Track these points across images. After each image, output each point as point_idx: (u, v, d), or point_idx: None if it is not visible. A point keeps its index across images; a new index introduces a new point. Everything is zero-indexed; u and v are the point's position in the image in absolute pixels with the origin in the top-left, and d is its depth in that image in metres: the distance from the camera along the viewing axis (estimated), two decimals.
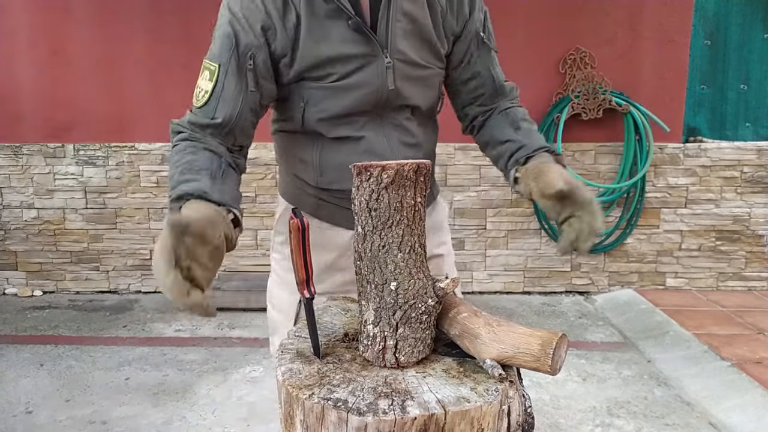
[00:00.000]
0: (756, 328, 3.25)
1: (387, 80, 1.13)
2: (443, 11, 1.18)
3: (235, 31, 1.09)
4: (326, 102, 1.14)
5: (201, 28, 3.90)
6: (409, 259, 0.88)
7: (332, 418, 0.77)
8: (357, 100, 1.14)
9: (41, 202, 4.05)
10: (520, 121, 1.24)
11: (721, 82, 4.04)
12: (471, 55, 1.24)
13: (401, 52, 1.14)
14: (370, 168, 0.85)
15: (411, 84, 1.17)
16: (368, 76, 1.13)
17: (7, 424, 2.42)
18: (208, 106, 1.09)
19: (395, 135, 1.20)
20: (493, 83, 1.27)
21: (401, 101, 1.18)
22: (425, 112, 1.25)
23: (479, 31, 1.23)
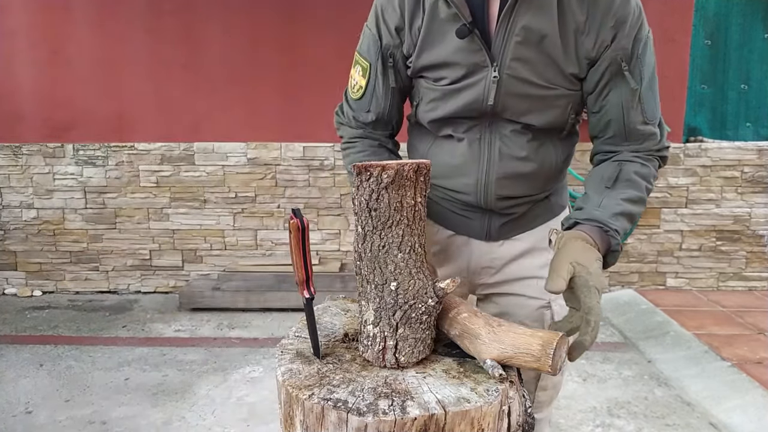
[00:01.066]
0: (756, 329, 3.24)
1: (489, 95, 1.10)
2: (579, 31, 1.06)
3: (380, 33, 1.18)
4: (434, 103, 1.17)
5: (201, 27, 3.90)
6: (409, 259, 0.88)
7: (332, 418, 0.77)
8: (461, 108, 1.13)
9: (41, 202, 4.05)
10: (621, 181, 1.10)
11: (722, 82, 4.04)
12: (603, 87, 1.10)
13: (513, 68, 1.08)
14: (370, 168, 0.85)
15: (523, 101, 1.10)
16: (476, 86, 1.10)
17: (6, 424, 2.42)
18: (364, 100, 1.23)
19: (498, 145, 1.15)
20: (621, 124, 1.11)
21: (509, 115, 1.12)
22: (545, 130, 1.15)
23: (620, 60, 1.07)
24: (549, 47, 1.07)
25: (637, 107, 1.09)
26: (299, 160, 3.98)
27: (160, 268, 4.11)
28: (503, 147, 1.15)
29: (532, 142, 1.15)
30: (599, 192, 1.10)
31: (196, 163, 4.00)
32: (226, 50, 3.91)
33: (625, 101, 1.09)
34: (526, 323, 1.18)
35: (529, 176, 1.17)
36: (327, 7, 3.82)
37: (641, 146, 1.12)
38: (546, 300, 1.22)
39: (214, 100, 3.96)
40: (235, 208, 4.04)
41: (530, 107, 1.11)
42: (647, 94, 1.10)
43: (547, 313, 1.22)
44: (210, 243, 4.08)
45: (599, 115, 1.13)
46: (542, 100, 1.11)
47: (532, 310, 1.23)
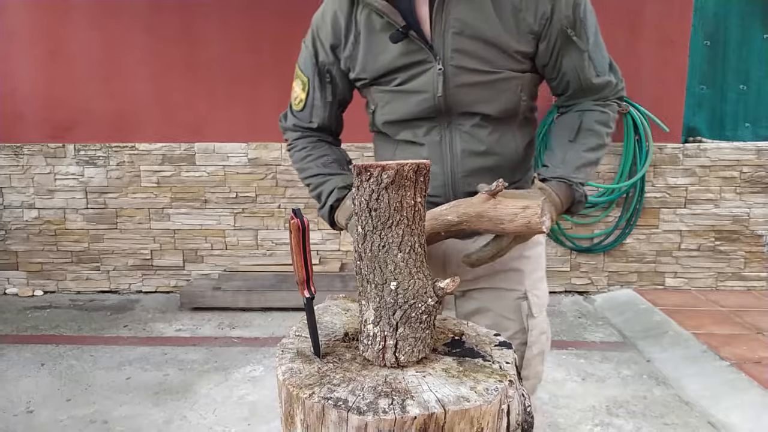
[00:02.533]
0: (755, 328, 3.25)
1: (438, 87, 1.14)
2: (516, 9, 1.12)
3: (316, 50, 1.26)
4: (389, 105, 1.22)
5: (201, 27, 3.90)
6: (409, 259, 0.88)
7: (332, 417, 0.77)
8: (415, 106, 1.17)
9: (42, 202, 4.05)
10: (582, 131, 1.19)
11: (721, 83, 4.04)
12: (557, 55, 1.17)
13: (455, 58, 1.13)
14: (370, 168, 0.86)
15: (472, 90, 1.14)
16: (423, 82, 1.16)
17: (8, 423, 2.43)
18: (304, 112, 1.31)
19: (460, 143, 1.19)
20: (579, 83, 1.20)
21: (463, 108, 1.16)
22: (503, 119, 1.19)
23: (565, 28, 1.14)
24: (487, 32, 1.11)
25: (589, 65, 1.18)
26: None
27: (161, 268, 4.12)
28: (464, 144, 1.19)
29: (492, 135, 1.19)
30: (563, 147, 1.19)
31: (197, 163, 4.01)
32: (226, 50, 3.91)
33: (578, 63, 1.17)
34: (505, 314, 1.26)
35: (494, 169, 1.20)
36: None
37: (599, 95, 1.21)
38: (522, 291, 1.26)
39: (215, 100, 3.97)
40: (236, 208, 4.05)
41: (480, 95, 1.15)
42: (594, 50, 1.18)
43: (524, 304, 1.26)
44: (211, 243, 4.09)
45: (557, 80, 1.21)
46: (490, 86, 1.15)
47: (510, 301, 1.26)
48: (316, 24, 1.27)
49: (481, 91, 1.15)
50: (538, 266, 1.31)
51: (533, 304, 1.27)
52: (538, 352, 1.29)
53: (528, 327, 1.27)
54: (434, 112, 1.18)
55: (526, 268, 1.28)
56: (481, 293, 1.28)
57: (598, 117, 1.20)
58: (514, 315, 1.26)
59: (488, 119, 1.18)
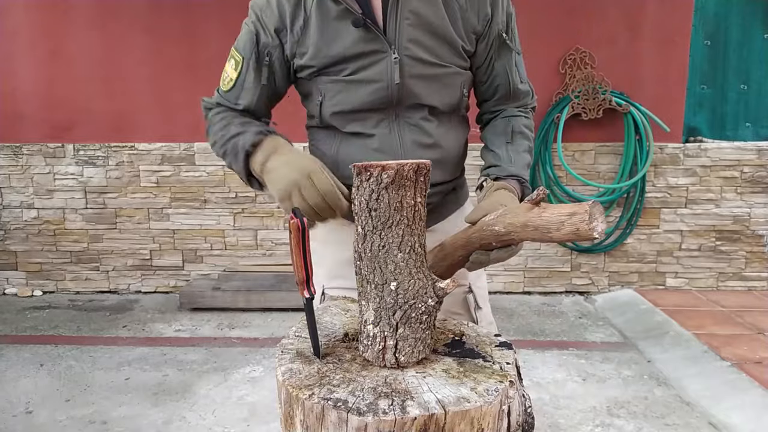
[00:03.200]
0: (756, 328, 3.25)
1: (394, 75, 1.15)
2: (462, 9, 1.18)
3: (257, 30, 1.24)
4: (340, 96, 1.20)
5: (201, 27, 3.90)
6: (409, 259, 0.88)
7: (332, 418, 0.77)
8: (368, 96, 1.17)
9: (41, 202, 4.05)
10: (515, 134, 1.26)
11: (721, 82, 4.04)
12: (491, 57, 1.25)
13: (409, 48, 1.15)
14: (370, 168, 0.85)
15: (423, 82, 1.18)
16: (378, 72, 1.16)
17: (7, 424, 2.42)
18: (232, 92, 1.28)
19: (409, 135, 1.20)
20: (507, 86, 1.28)
21: (413, 99, 1.18)
22: (447, 113, 1.24)
23: (501, 32, 1.23)
24: (438, 27, 1.16)
25: (516, 71, 1.28)
26: None
27: (160, 268, 4.12)
28: (413, 136, 1.21)
29: (438, 129, 1.23)
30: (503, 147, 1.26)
31: (197, 163, 4.01)
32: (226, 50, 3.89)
33: (509, 66, 1.27)
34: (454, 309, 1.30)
35: (441, 162, 1.24)
36: None
37: (521, 102, 1.31)
38: (467, 285, 1.31)
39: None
40: (236, 208, 4.05)
41: (430, 87, 1.18)
42: (519, 59, 1.29)
43: (470, 297, 1.31)
44: (210, 243, 4.08)
45: (488, 83, 1.28)
46: (439, 79, 1.19)
47: (456, 296, 1.29)
48: (259, 6, 1.24)
49: (432, 83, 1.18)
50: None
51: (478, 296, 1.32)
52: None
53: (477, 318, 1.31)
54: (386, 102, 1.18)
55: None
56: None
57: (525, 122, 1.30)
58: (462, 309, 1.31)
59: (435, 112, 1.22)
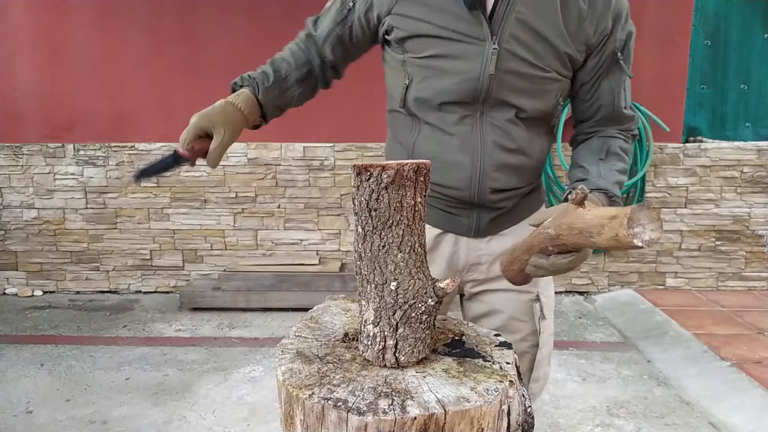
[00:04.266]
0: (756, 328, 3.25)
1: (489, 66, 1.09)
2: (582, 17, 1.10)
3: None
4: (427, 81, 1.14)
5: (201, 28, 3.90)
6: (409, 259, 0.88)
7: (332, 417, 0.77)
8: (457, 84, 1.11)
9: (41, 202, 4.05)
10: (611, 154, 1.19)
11: (721, 82, 4.04)
12: (600, 74, 1.17)
13: (510, 42, 1.09)
14: (370, 168, 0.85)
15: (517, 80, 1.11)
16: (471, 59, 1.10)
17: (7, 423, 2.42)
18: (319, 18, 1.29)
19: (491, 136, 1.15)
20: (611, 109, 1.20)
21: (503, 97, 1.12)
22: (535, 119, 1.17)
23: (617, 50, 1.15)
24: (547, 29, 1.09)
25: (624, 94, 1.20)
26: (299, 160, 3.99)
27: (160, 268, 4.12)
28: (496, 138, 1.15)
29: (523, 134, 1.17)
30: (595, 164, 1.18)
31: (197, 163, 4.00)
32: (226, 50, 3.91)
33: (616, 88, 1.18)
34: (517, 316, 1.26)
35: (521, 168, 1.19)
36: None
37: (623, 127, 1.23)
38: (535, 293, 1.25)
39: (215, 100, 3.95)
40: (236, 208, 4.05)
41: (523, 88, 1.12)
42: (628, 83, 1.21)
43: (536, 306, 1.25)
44: (210, 243, 4.08)
45: (590, 102, 1.20)
46: (535, 82, 1.13)
47: (522, 303, 1.25)
48: None
49: (526, 83, 1.12)
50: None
51: (545, 305, 1.27)
52: (548, 353, 1.30)
53: (540, 329, 1.26)
54: (473, 96, 1.12)
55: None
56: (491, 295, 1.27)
57: (622, 144, 1.22)
58: (526, 317, 1.26)
59: (522, 116, 1.15)
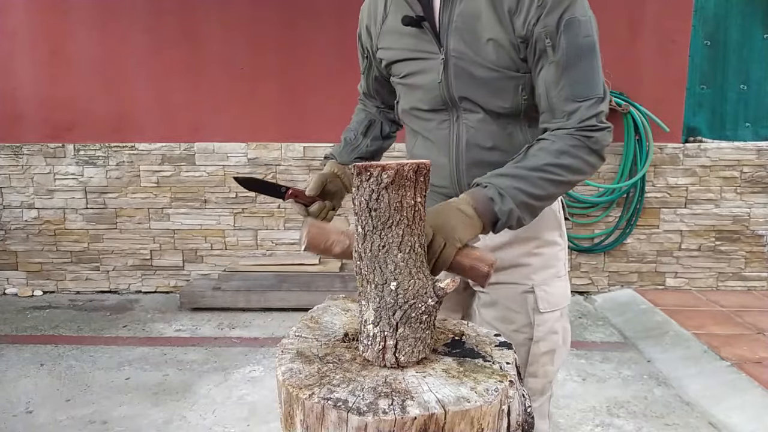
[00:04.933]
0: (756, 328, 3.25)
1: (440, 76, 1.20)
2: (511, 11, 1.12)
3: (359, 27, 1.39)
4: (405, 96, 1.32)
5: (201, 27, 3.90)
6: (409, 259, 0.88)
7: (332, 417, 0.77)
8: (423, 95, 1.25)
9: (41, 202, 4.05)
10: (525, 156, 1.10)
11: (721, 82, 4.04)
12: (536, 65, 1.14)
13: (457, 50, 1.18)
14: (370, 168, 0.85)
15: (472, 83, 1.18)
16: (429, 72, 1.22)
17: (7, 423, 2.43)
18: (361, 80, 1.49)
19: (466, 137, 1.23)
20: (547, 100, 1.12)
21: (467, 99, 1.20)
22: (507, 116, 1.20)
23: (545, 38, 1.10)
24: (485, 30, 1.14)
25: (558, 83, 1.10)
26: (299, 160, 3.99)
27: (160, 268, 4.12)
28: (470, 137, 1.23)
29: (500, 132, 1.21)
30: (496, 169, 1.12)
31: (197, 163, 4.01)
32: (226, 50, 3.91)
33: (548, 77, 1.11)
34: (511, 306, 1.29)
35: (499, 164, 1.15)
36: (327, 7, 3.82)
37: (567, 122, 1.10)
38: (529, 285, 1.28)
39: (215, 100, 3.96)
40: (236, 208, 4.05)
41: (479, 90, 1.18)
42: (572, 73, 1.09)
43: (529, 297, 1.28)
44: (210, 243, 4.08)
45: (536, 94, 1.16)
46: (489, 83, 1.17)
47: (516, 294, 1.28)
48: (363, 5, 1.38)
49: (481, 85, 1.18)
50: (549, 265, 1.30)
51: (540, 299, 1.27)
52: (547, 350, 1.30)
53: (534, 321, 1.27)
54: (441, 103, 1.23)
55: (534, 263, 1.29)
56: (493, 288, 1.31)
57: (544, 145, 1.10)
58: (520, 308, 1.28)
59: (492, 115, 1.20)
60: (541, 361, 1.30)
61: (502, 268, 1.27)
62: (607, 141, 1.13)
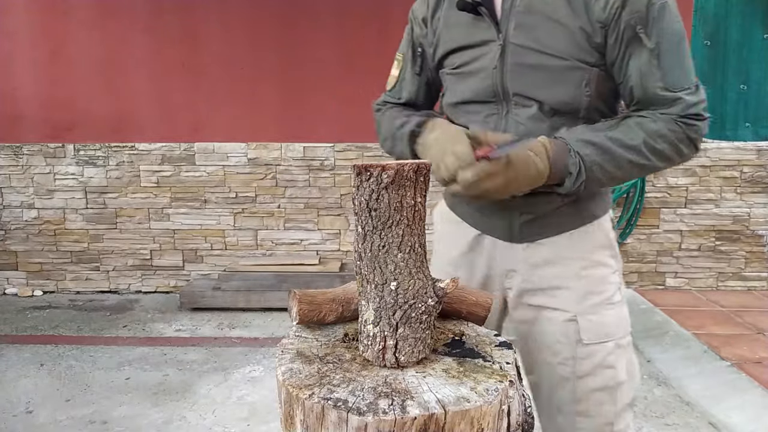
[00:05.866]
0: (756, 328, 3.25)
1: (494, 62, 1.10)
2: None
3: (411, 23, 1.28)
4: (453, 87, 1.20)
5: (201, 28, 3.90)
6: (409, 259, 0.88)
7: (332, 417, 0.77)
8: (474, 85, 1.14)
9: (41, 202, 4.05)
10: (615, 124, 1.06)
11: (721, 82, 4.04)
12: (624, 54, 1.04)
13: (516, 36, 1.08)
14: (370, 168, 0.85)
15: (529, 73, 1.08)
16: (485, 61, 1.12)
17: (7, 423, 2.43)
18: (395, 89, 1.32)
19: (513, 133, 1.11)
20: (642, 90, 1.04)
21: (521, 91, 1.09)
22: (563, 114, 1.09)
23: (635, 25, 1.02)
24: (553, 15, 1.05)
25: (658, 72, 1.03)
26: (299, 160, 3.99)
27: (160, 268, 4.12)
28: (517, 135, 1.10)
29: (551, 131, 1.08)
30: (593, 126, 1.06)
31: (197, 163, 4.01)
32: (226, 50, 3.91)
33: (644, 67, 1.04)
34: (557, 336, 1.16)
35: None
36: (327, 8, 3.82)
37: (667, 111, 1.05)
38: (572, 313, 1.14)
39: (215, 100, 3.97)
40: (236, 208, 4.05)
41: (537, 79, 1.08)
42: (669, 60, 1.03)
43: (571, 327, 1.14)
44: (210, 243, 4.08)
45: (623, 85, 1.08)
46: (550, 72, 1.07)
47: (558, 323, 1.16)
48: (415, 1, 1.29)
49: (540, 74, 1.07)
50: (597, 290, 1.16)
51: (584, 329, 1.14)
52: (600, 386, 1.15)
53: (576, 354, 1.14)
54: (491, 94, 1.13)
55: (577, 288, 1.15)
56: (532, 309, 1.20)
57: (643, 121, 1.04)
58: (563, 338, 1.15)
59: (546, 110, 1.09)
60: (593, 399, 1.15)
61: (542, 289, 1.17)
62: (706, 132, 1.09)
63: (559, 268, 1.16)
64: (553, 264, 1.16)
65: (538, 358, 1.19)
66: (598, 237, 1.17)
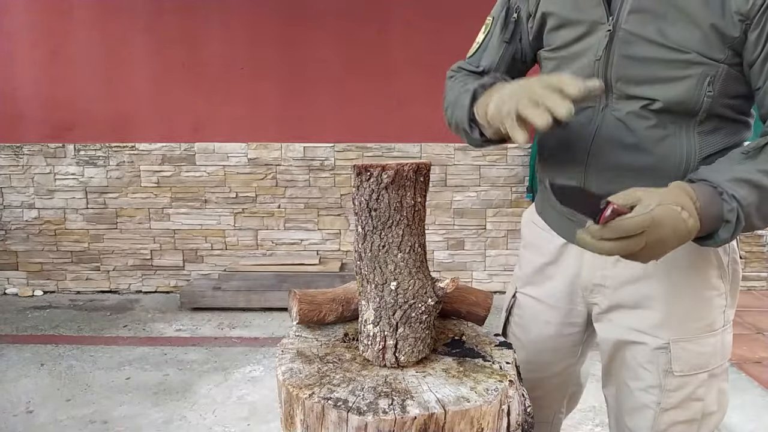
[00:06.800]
0: (755, 328, 3.25)
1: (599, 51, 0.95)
2: None
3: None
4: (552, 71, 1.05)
5: (201, 27, 3.90)
6: (409, 258, 0.88)
7: (332, 417, 0.77)
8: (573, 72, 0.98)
9: (42, 202, 4.05)
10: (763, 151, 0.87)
11: None
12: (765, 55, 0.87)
13: (630, 22, 0.92)
14: (370, 168, 0.85)
15: (642, 65, 0.92)
16: (589, 45, 0.97)
17: (7, 423, 2.43)
18: (476, 55, 1.16)
19: (608, 129, 0.97)
20: None
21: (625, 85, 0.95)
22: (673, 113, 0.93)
23: None
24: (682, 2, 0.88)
25: None
26: (300, 161, 3.99)
27: (161, 268, 4.12)
28: (615, 132, 0.96)
29: (653, 130, 0.94)
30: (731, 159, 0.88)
31: (197, 163, 4.01)
32: (226, 50, 3.91)
33: None
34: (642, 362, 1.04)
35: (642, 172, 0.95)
36: (328, 7, 3.82)
37: None
38: (665, 340, 1.01)
39: (215, 100, 3.97)
40: (236, 208, 4.05)
41: (649, 73, 0.92)
42: None
43: (662, 356, 1.01)
44: (211, 243, 4.08)
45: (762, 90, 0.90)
46: (667, 66, 0.91)
47: (647, 349, 1.03)
48: None
49: (653, 68, 0.92)
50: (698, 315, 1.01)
51: (676, 358, 1.00)
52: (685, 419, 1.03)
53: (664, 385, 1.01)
54: None
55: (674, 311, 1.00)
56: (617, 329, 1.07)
57: None
58: (650, 365, 1.02)
59: (654, 109, 0.93)
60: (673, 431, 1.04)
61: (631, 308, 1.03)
62: None
63: (653, 286, 1.01)
64: (647, 281, 1.01)
65: (618, 377, 1.09)
66: (704, 253, 0.99)
